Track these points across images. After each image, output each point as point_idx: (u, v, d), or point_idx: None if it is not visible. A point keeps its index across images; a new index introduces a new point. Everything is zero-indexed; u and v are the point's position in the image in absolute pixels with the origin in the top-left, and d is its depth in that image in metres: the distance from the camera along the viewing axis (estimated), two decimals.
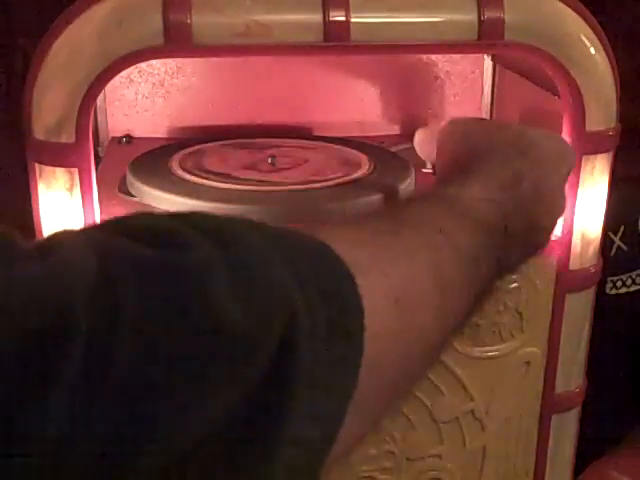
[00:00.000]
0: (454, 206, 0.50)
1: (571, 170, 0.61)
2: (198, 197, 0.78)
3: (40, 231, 0.70)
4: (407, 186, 0.83)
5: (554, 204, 0.59)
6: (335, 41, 0.68)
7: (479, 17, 0.69)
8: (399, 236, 0.45)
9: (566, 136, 0.74)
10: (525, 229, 0.55)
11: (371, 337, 0.35)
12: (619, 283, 1.24)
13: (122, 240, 0.31)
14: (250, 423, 0.30)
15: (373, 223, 0.46)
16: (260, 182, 0.82)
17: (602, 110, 0.74)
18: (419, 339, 0.43)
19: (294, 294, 0.32)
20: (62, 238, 0.30)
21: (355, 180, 0.84)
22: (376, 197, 0.80)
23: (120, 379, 0.26)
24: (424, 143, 0.70)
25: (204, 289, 0.29)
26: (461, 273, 0.47)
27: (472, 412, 0.78)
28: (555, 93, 0.77)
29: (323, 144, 0.97)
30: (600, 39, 0.73)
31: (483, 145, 0.56)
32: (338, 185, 0.83)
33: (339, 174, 0.85)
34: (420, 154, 0.73)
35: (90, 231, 0.32)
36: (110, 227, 0.33)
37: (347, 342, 0.35)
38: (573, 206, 0.76)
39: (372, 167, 0.88)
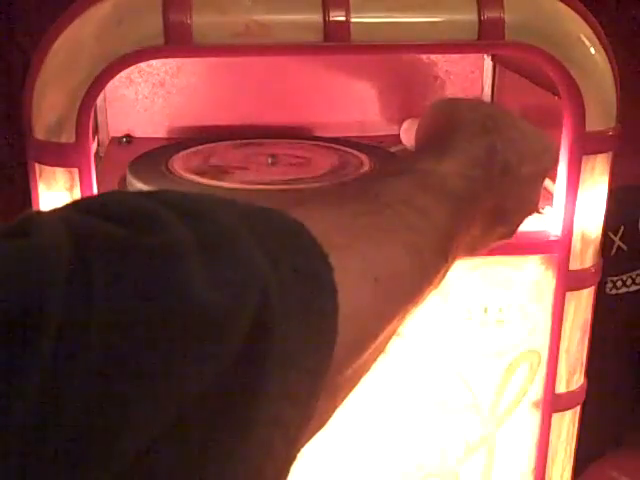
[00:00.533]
0: (429, 182, 0.50)
1: (549, 169, 0.59)
2: None
3: None
4: None
5: (525, 194, 0.57)
6: (335, 41, 0.68)
7: (479, 17, 0.69)
8: (376, 215, 0.45)
9: (566, 136, 0.74)
10: (491, 210, 0.54)
11: (347, 317, 0.35)
12: (619, 283, 1.24)
13: (95, 220, 0.30)
14: (224, 404, 0.30)
15: (350, 202, 0.46)
16: (260, 182, 0.82)
17: (602, 110, 0.74)
18: (397, 317, 0.43)
19: (266, 273, 0.32)
20: (36, 219, 0.30)
21: (355, 180, 0.84)
22: None
23: (93, 362, 0.26)
24: (410, 131, 0.69)
25: (176, 270, 0.29)
26: (437, 251, 0.47)
27: None
28: (555, 93, 0.77)
29: (323, 144, 0.97)
30: (600, 39, 0.73)
31: (464, 116, 0.56)
32: (338, 185, 0.82)
33: (339, 174, 0.85)
34: (406, 142, 0.72)
35: (63, 211, 0.32)
36: (83, 207, 0.33)
37: (320, 321, 0.34)
38: (573, 206, 0.76)
39: (372, 167, 0.88)
